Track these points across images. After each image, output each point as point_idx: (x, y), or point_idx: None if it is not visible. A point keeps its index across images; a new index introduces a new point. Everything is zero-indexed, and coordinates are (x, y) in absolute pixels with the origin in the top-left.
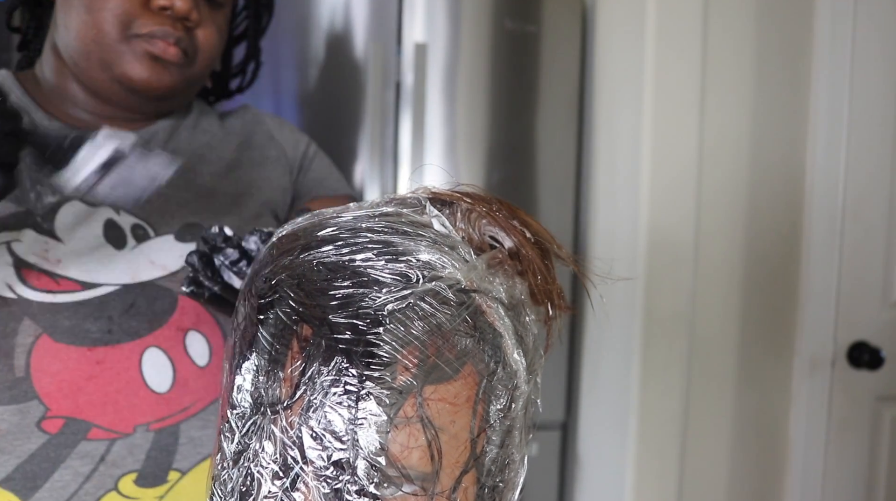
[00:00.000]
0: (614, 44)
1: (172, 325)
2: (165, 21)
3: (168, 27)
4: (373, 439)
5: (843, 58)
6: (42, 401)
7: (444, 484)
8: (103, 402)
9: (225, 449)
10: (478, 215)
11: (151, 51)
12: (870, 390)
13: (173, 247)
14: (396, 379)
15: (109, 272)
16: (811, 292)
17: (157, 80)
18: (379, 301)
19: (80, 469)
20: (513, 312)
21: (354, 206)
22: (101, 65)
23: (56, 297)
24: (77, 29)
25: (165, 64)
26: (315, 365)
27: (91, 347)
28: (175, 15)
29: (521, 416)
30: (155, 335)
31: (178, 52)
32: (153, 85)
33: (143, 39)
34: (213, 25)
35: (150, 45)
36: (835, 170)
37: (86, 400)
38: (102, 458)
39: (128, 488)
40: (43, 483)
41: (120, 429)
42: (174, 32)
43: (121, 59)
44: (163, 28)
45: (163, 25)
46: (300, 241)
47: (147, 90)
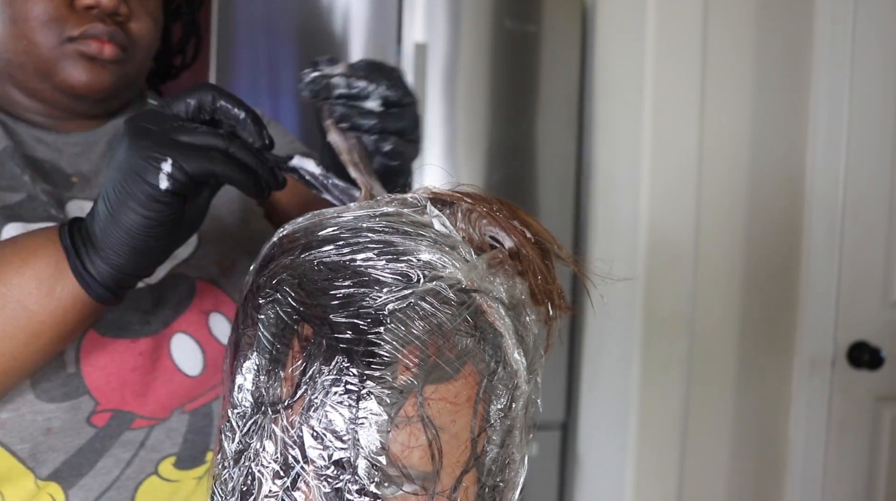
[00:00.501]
0: (614, 44)
1: (195, 309)
2: (95, 20)
3: (99, 25)
4: (373, 438)
5: (843, 58)
6: (92, 396)
7: (445, 484)
8: (145, 392)
9: (226, 449)
10: (478, 215)
11: (86, 52)
12: (870, 390)
13: None
14: (397, 379)
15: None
16: (811, 292)
17: (98, 81)
18: (380, 301)
19: (121, 455)
20: (513, 312)
21: (355, 206)
22: (38, 75)
23: None
24: (5, 41)
25: (104, 63)
26: (316, 365)
27: (134, 338)
28: (103, 12)
29: (521, 416)
30: (180, 321)
31: (113, 48)
32: (95, 87)
33: (76, 42)
34: (146, 14)
35: (84, 46)
36: (835, 170)
37: (131, 392)
38: (142, 444)
39: (168, 471)
40: (88, 472)
41: (159, 416)
42: (106, 29)
43: (57, 66)
44: (94, 26)
45: (93, 24)
46: (301, 241)
47: (90, 93)
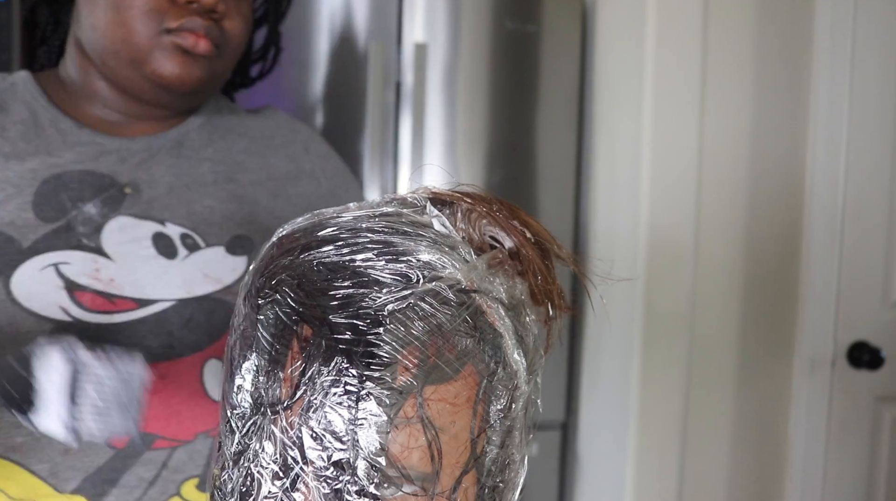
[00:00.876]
0: (614, 44)
1: None
2: (193, 14)
3: (197, 19)
4: (373, 439)
5: (843, 58)
6: None
7: (445, 485)
8: (167, 414)
9: (225, 450)
10: (478, 216)
11: (182, 44)
12: (870, 390)
13: (225, 260)
14: (396, 379)
15: (164, 287)
16: (811, 292)
17: (188, 74)
18: (379, 301)
19: (143, 474)
20: (513, 312)
21: (355, 206)
22: (131, 63)
23: (113, 317)
24: (104, 28)
25: (196, 58)
26: (315, 365)
27: (154, 362)
28: (202, 8)
29: (521, 416)
30: (215, 346)
31: (208, 44)
32: (185, 80)
33: (173, 34)
34: (239, 15)
35: (180, 38)
36: (835, 170)
37: (152, 415)
38: (165, 464)
39: (190, 493)
40: (110, 490)
41: (182, 438)
42: (203, 24)
43: (151, 56)
44: (192, 20)
45: (191, 17)
46: (300, 241)
47: (179, 86)
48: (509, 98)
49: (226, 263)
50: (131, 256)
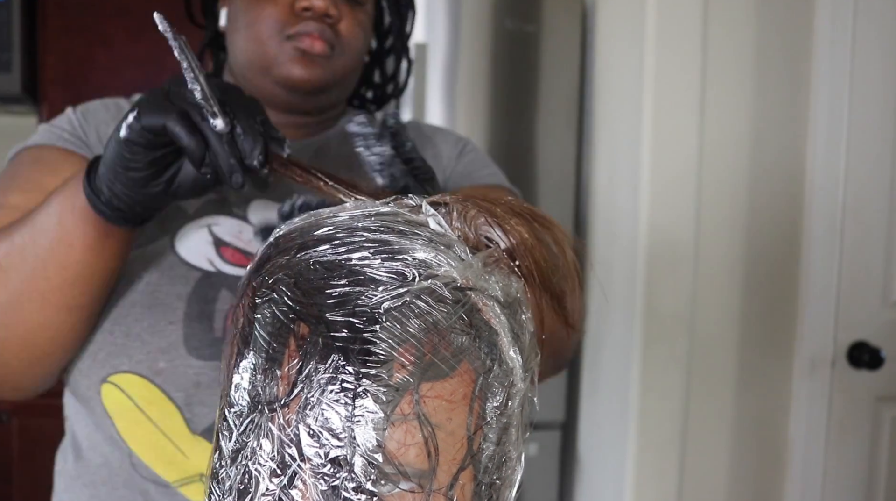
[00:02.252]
0: (614, 44)
1: None
2: (308, 20)
3: (311, 23)
4: (370, 436)
5: (843, 58)
6: None
7: (441, 481)
8: None
9: (223, 448)
10: (474, 214)
11: (300, 46)
12: (870, 390)
13: None
14: (393, 377)
15: None
16: (811, 292)
17: (310, 74)
18: (375, 299)
19: None
20: (509, 309)
21: (351, 205)
22: (262, 71)
23: None
24: (242, 46)
25: (313, 58)
26: (312, 363)
27: None
28: (316, 14)
29: (517, 413)
30: None
31: (323, 44)
32: (308, 80)
33: (293, 40)
34: (354, 20)
35: (298, 42)
36: (835, 170)
37: None
38: None
39: None
40: None
41: None
42: (317, 26)
43: (277, 61)
44: (307, 24)
45: (306, 22)
46: (297, 240)
47: (304, 85)
48: (509, 98)
49: None
50: (266, 227)
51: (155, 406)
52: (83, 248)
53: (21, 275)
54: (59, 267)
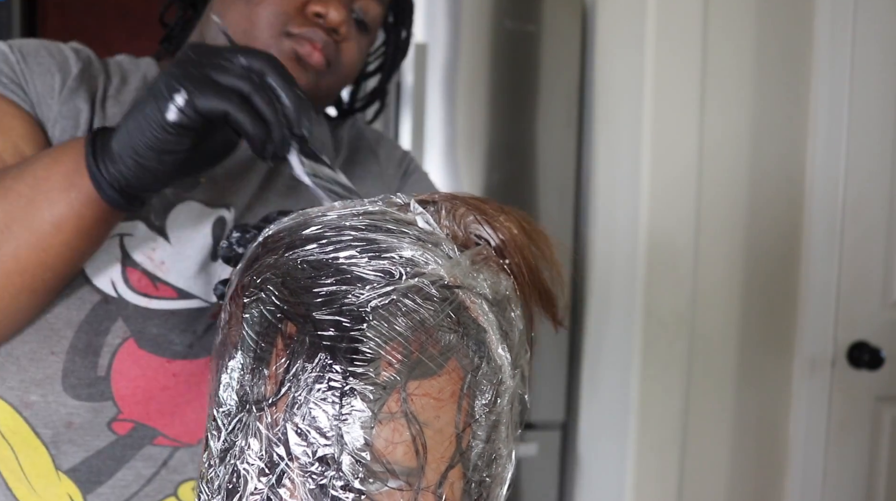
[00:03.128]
0: (614, 44)
1: None
2: (317, 27)
3: (319, 31)
4: (357, 434)
5: (843, 58)
6: (116, 403)
7: (430, 479)
8: (172, 413)
9: (212, 447)
10: (463, 213)
11: (298, 51)
12: (870, 390)
13: None
14: (380, 375)
15: (204, 286)
16: (811, 292)
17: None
18: (362, 298)
19: (142, 470)
20: (497, 307)
21: (340, 205)
22: None
23: (151, 302)
24: (231, 19)
25: (306, 67)
26: (299, 362)
27: (171, 359)
28: (326, 24)
29: (507, 411)
30: None
31: (322, 57)
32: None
33: (293, 39)
34: (357, 45)
35: (297, 45)
36: (835, 170)
37: (156, 409)
38: (165, 463)
39: (187, 495)
40: (106, 480)
41: (184, 440)
42: (324, 38)
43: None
44: (314, 31)
45: (314, 29)
46: (285, 240)
47: None
48: (509, 98)
49: None
50: (187, 242)
51: (18, 437)
52: (74, 231)
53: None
54: (36, 249)
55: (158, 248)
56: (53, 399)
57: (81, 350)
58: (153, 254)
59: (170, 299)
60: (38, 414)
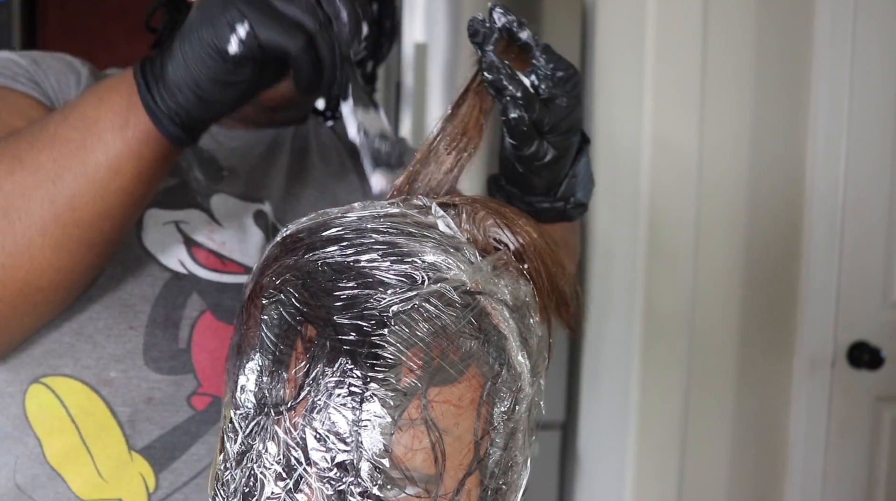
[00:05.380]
0: (614, 44)
1: None
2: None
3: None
4: (376, 440)
5: (843, 58)
6: (196, 376)
7: (448, 486)
8: None
9: (228, 450)
10: (483, 217)
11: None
12: (870, 390)
13: None
14: (401, 381)
15: None
16: (811, 292)
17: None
18: (384, 302)
19: (215, 444)
20: (517, 314)
21: (359, 206)
22: None
23: (223, 277)
24: None
25: None
26: (319, 366)
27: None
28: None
29: (524, 418)
30: None
31: None
32: (270, 95)
33: None
34: None
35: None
36: (835, 170)
37: (221, 382)
38: None
39: None
40: (180, 455)
41: None
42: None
43: None
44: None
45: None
46: (305, 241)
47: (269, 102)
48: None
49: None
50: (237, 226)
51: (92, 419)
52: (134, 174)
53: (34, 205)
54: (94, 197)
55: (216, 231)
56: (135, 374)
57: (161, 323)
58: (213, 236)
59: (239, 273)
60: (117, 392)
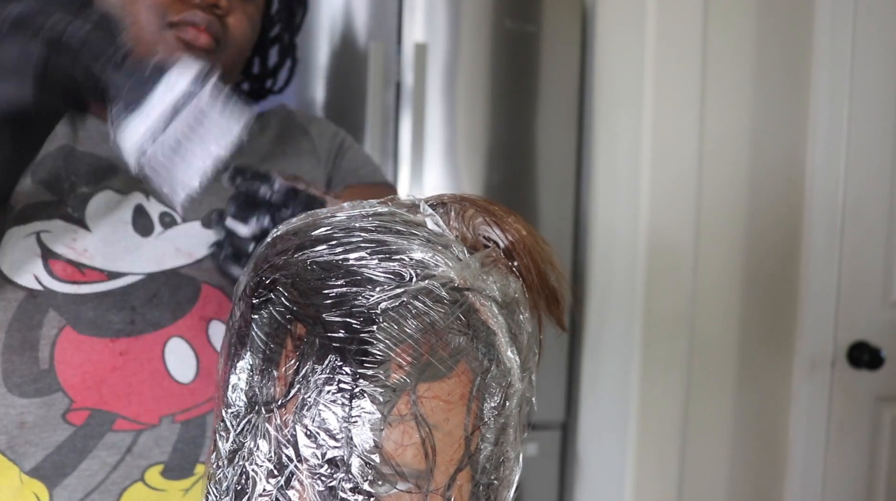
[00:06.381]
0: (614, 44)
1: (195, 314)
2: (195, 8)
3: (198, 12)
4: (367, 437)
5: (843, 58)
6: (66, 393)
7: (439, 482)
8: (127, 393)
9: (220, 448)
10: (472, 214)
11: (184, 38)
12: (870, 390)
13: (199, 233)
14: (390, 377)
15: (135, 261)
16: (811, 292)
17: None
18: (372, 300)
19: (107, 459)
20: (507, 310)
21: (348, 205)
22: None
23: (81, 288)
24: None
25: (197, 52)
26: (309, 364)
27: (114, 338)
28: (204, 3)
29: (515, 414)
30: (178, 324)
31: (209, 38)
32: None
33: (176, 28)
34: (244, 14)
35: (182, 32)
36: (835, 170)
37: (110, 392)
38: (129, 449)
39: (154, 479)
40: (71, 472)
41: (145, 420)
42: (204, 17)
43: (155, 50)
44: (193, 13)
45: (193, 11)
46: (294, 240)
47: None
48: (509, 98)
49: (199, 237)
50: (109, 229)
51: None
52: None
53: None
54: None
55: (79, 238)
56: (0, 403)
57: (17, 348)
58: (74, 244)
59: (99, 282)
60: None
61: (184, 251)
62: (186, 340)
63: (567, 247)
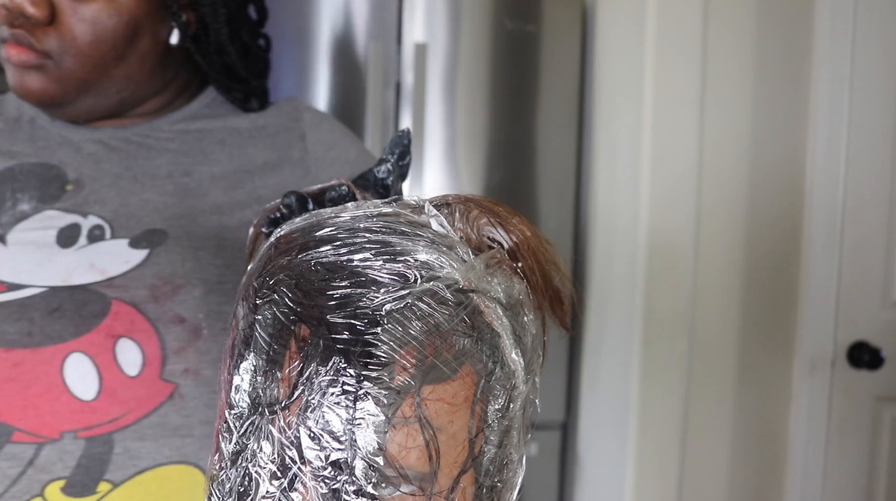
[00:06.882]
0: (614, 44)
1: (102, 331)
2: (5, 24)
3: (4, 28)
4: (371, 439)
5: (843, 58)
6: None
7: (443, 484)
8: (23, 406)
9: (223, 450)
10: (476, 215)
11: (5, 57)
12: (870, 390)
13: (121, 252)
14: (394, 379)
15: (42, 274)
16: (811, 292)
17: (35, 88)
18: (377, 301)
19: (7, 470)
20: (511, 312)
21: (352, 206)
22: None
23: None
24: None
25: (27, 69)
26: (313, 365)
27: (8, 348)
28: (11, 16)
29: (519, 416)
30: (80, 340)
31: (26, 52)
32: (30, 92)
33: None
34: (77, 16)
35: (5, 52)
36: (835, 170)
37: (4, 403)
38: (31, 462)
39: (54, 495)
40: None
41: (45, 434)
42: (11, 32)
43: (6, 67)
44: (2, 30)
45: (3, 27)
46: (298, 241)
47: (29, 98)
48: (509, 98)
49: (120, 255)
50: (27, 242)
51: None
52: None
53: None
54: None
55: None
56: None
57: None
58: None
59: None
60: None
61: (97, 268)
62: (90, 356)
63: (567, 247)
